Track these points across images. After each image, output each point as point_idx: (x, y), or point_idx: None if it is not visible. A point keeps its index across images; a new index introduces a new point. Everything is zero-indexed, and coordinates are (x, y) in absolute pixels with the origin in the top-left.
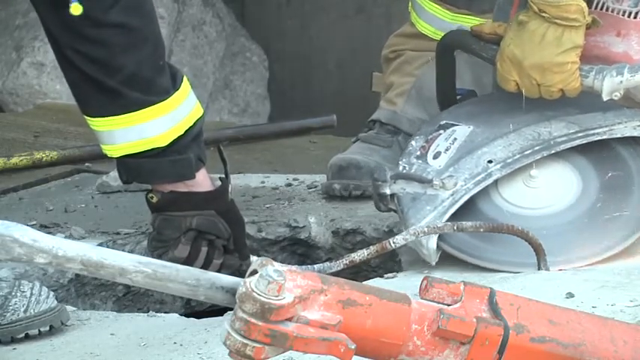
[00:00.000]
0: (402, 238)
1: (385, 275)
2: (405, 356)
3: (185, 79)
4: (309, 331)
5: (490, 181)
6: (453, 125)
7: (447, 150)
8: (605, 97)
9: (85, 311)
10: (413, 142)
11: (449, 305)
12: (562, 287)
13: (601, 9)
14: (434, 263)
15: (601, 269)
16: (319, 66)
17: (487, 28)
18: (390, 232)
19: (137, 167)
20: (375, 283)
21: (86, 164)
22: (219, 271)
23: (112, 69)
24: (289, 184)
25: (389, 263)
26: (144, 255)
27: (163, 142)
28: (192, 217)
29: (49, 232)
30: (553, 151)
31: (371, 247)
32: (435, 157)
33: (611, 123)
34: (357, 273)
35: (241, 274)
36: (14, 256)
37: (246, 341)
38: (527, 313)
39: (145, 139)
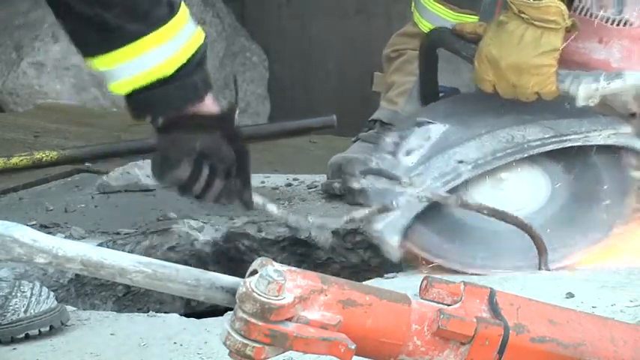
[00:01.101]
0: (405, 199)
1: (385, 275)
2: (405, 356)
3: (183, 5)
4: (309, 331)
5: (459, 181)
6: (429, 123)
7: (420, 148)
8: (580, 103)
9: (85, 311)
10: (387, 138)
11: (449, 305)
12: (562, 287)
13: (584, 15)
14: (396, 261)
15: (601, 269)
16: (319, 66)
17: (469, 28)
18: None
19: (145, 99)
20: (375, 283)
21: (86, 164)
22: (219, 195)
23: (106, 3)
24: (289, 184)
25: (389, 263)
26: (144, 255)
27: (168, 71)
28: (196, 139)
29: (49, 232)
30: (525, 155)
31: (373, 206)
32: (408, 154)
33: (586, 130)
34: (357, 273)
35: (242, 202)
36: (14, 256)
37: (246, 341)
38: (527, 313)
39: (148, 70)
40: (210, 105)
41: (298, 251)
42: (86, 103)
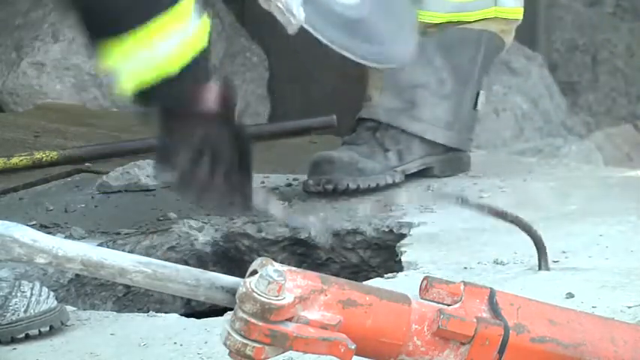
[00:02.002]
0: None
1: (385, 275)
2: (405, 356)
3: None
4: (309, 331)
5: None
6: None
7: None
8: None
9: (85, 311)
10: None
11: (449, 305)
12: (562, 287)
13: None
14: (293, 33)
15: (601, 269)
16: (319, 66)
17: None
18: (390, 232)
19: (151, 94)
20: (375, 283)
21: (86, 164)
22: (219, 190)
23: None
24: (289, 184)
25: (389, 263)
26: (144, 255)
27: (173, 67)
28: (198, 132)
29: (49, 232)
30: None
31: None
32: None
33: None
34: (357, 273)
35: (243, 197)
36: (14, 256)
37: (246, 341)
38: (527, 313)
39: (153, 65)
40: (209, 99)
41: (298, 251)
42: (86, 103)
